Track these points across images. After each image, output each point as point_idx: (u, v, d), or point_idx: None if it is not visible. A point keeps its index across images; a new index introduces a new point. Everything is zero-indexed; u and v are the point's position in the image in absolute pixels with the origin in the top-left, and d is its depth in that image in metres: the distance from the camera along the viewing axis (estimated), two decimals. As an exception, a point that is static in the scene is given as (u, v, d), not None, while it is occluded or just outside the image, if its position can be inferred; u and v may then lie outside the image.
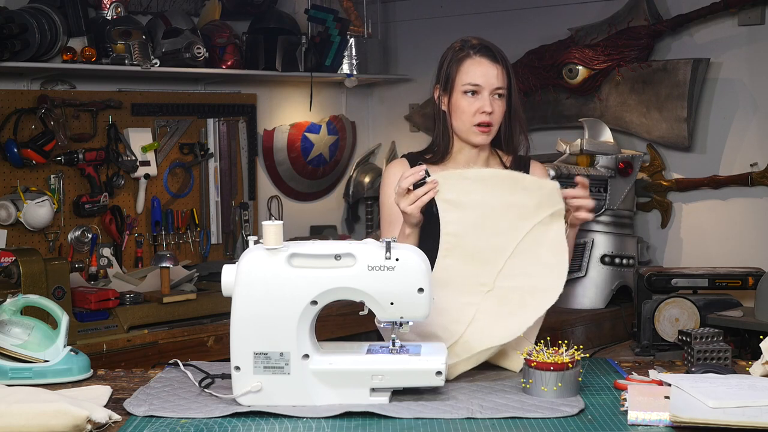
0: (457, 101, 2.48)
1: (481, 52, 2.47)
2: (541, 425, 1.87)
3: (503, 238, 2.24)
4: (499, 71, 2.46)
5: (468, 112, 2.46)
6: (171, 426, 1.88)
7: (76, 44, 3.88)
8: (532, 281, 2.23)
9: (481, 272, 2.24)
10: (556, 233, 2.24)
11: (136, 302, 3.65)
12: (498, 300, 2.23)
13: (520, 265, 2.24)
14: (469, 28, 4.82)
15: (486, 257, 2.24)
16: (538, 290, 2.23)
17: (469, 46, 2.49)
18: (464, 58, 2.48)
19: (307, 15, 4.66)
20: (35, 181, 3.94)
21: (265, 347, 1.99)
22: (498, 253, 2.24)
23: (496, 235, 2.23)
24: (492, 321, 2.22)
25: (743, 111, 4.04)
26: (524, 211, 2.23)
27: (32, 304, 2.33)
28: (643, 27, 4.17)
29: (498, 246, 2.24)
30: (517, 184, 2.25)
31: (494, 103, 2.46)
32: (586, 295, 3.99)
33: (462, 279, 2.24)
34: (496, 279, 2.24)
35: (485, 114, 2.45)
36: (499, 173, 2.28)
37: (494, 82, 2.45)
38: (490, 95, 2.45)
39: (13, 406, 1.85)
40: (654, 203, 4.30)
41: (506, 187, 2.24)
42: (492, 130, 2.48)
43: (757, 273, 3.39)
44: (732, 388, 1.94)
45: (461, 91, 2.47)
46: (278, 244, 2.00)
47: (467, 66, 2.47)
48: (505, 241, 2.24)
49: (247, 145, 4.71)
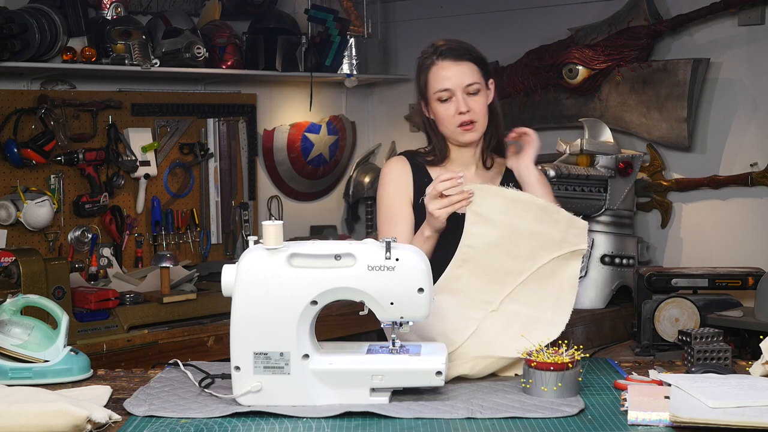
0: (435, 110, 2.49)
1: (443, 55, 2.46)
2: (541, 425, 1.87)
3: (519, 263, 2.23)
4: (464, 68, 2.45)
5: (447, 117, 2.48)
6: (171, 426, 1.88)
7: (76, 44, 3.88)
8: (536, 312, 2.23)
9: (488, 291, 2.24)
10: (573, 271, 2.24)
11: (136, 302, 3.65)
12: (503, 321, 2.23)
13: (528, 293, 2.24)
14: (469, 28, 4.83)
15: (497, 278, 2.24)
16: (541, 322, 2.23)
17: (433, 51, 2.48)
18: (430, 66, 2.48)
19: (307, 15, 4.66)
20: (35, 181, 3.94)
21: (265, 347, 1.99)
22: (510, 277, 2.24)
23: (514, 259, 2.23)
24: (494, 336, 2.22)
25: (743, 111, 4.04)
26: (547, 243, 2.23)
27: (32, 304, 2.33)
28: (643, 27, 4.17)
29: (512, 270, 2.23)
30: (549, 215, 2.24)
31: (469, 100, 2.46)
32: (586, 295, 3.99)
33: (469, 292, 2.24)
34: (502, 301, 2.24)
35: (463, 114, 2.45)
36: (536, 201, 2.26)
37: (463, 80, 2.45)
38: (463, 93, 2.45)
39: (13, 406, 1.85)
40: (654, 203, 4.30)
41: (538, 215, 2.23)
42: (476, 125, 2.48)
43: (757, 273, 3.39)
44: (732, 388, 1.94)
45: (435, 100, 2.48)
46: (278, 244, 2.00)
47: (434, 73, 2.47)
48: (520, 267, 2.23)
49: (247, 145, 4.71)
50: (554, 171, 3.81)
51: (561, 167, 3.85)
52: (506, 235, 2.23)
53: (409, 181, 2.54)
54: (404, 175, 2.55)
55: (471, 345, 2.21)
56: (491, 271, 2.24)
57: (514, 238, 2.23)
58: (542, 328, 2.22)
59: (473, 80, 2.45)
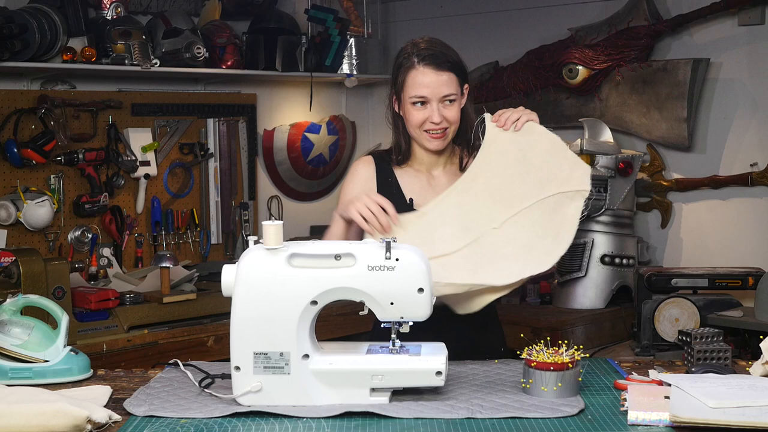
0: (407, 111, 2.48)
1: (426, 60, 2.43)
2: (541, 425, 1.87)
3: (527, 188, 2.31)
4: (443, 78, 2.42)
5: (416, 122, 2.46)
6: (171, 426, 1.88)
7: (76, 44, 3.89)
8: (535, 239, 2.28)
9: (494, 209, 2.30)
10: (575, 211, 2.30)
11: (136, 302, 3.65)
12: (503, 240, 2.28)
13: (531, 219, 2.29)
14: (469, 28, 4.83)
15: (505, 197, 2.30)
16: (538, 249, 2.28)
17: (416, 52, 2.45)
18: (409, 69, 2.45)
19: (307, 15, 4.66)
20: (35, 181, 3.94)
21: (265, 347, 1.99)
22: (517, 200, 2.30)
23: (522, 184, 2.31)
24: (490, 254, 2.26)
25: (743, 111, 4.04)
26: (555, 176, 2.31)
27: (32, 304, 2.33)
28: (643, 27, 4.17)
29: (520, 194, 2.31)
30: (558, 150, 2.33)
31: (444, 110, 2.44)
32: (586, 295, 3.99)
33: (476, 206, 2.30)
34: (505, 221, 2.29)
35: (433, 124, 2.44)
36: (549, 134, 2.35)
37: (442, 90, 2.43)
38: (439, 103, 2.43)
39: (13, 406, 1.85)
40: (654, 203, 4.30)
41: (549, 147, 2.33)
42: (446, 134, 2.47)
43: (757, 273, 3.39)
44: (732, 388, 1.94)
45: (410, 102, 2.46)
46: (278, 244, 2.00)
47: (413, 77, 2.44)
48: (528, 192, 2.30)
49: (247, 145, 4.72)
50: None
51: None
52: (518, 159, 2.32)
53: (373, 183, 2.55)
54: (368, 174, 2.56)
55: (467, 254, 2.26)
56: (500, 190, 2.31)
57: (525, 164, 2.32)
58: (537, 255, 2.28)
59: (451, 91, 2.44)
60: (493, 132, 2.35)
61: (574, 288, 4.00)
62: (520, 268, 2.25)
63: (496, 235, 2.29)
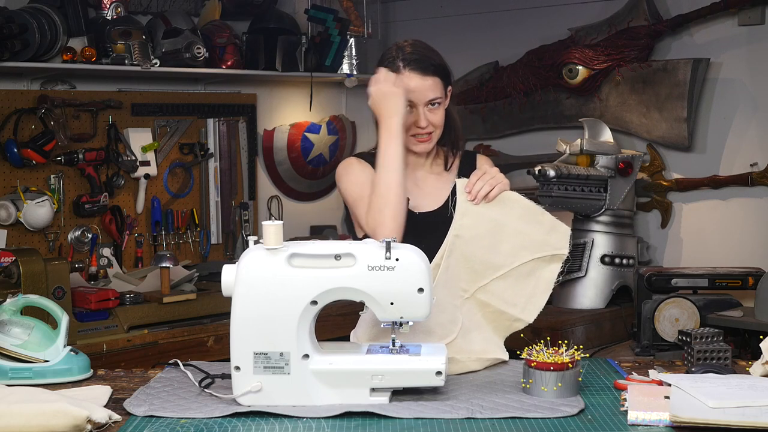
0: None
1: (411, 65, 2.41)
2: (541, 425, 1.87)
3: (501, 258, 2.31)
4: (429, 83, 2.41)
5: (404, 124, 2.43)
6: (171, 426, 1.88)
7: (76, 44, 3.88)
8: (505, 307, 2.32)
9: (466, 279, 2.31)
10: (551, 274, 2.33)
11: (136, 302, 3.65)
12: (473, 308, 2.31)
13: (502, 287, 2.31)
14: (469, 28, 4.83)
15: (477, 269, 2.31)
16: (506, 317, 2.33)
17: (402, 57, 2.42)
18: (394, 72, 2.41)
19: (307, 15, 4.66)
20: (35, 181, 3.94)
21: (265, 347, 1.99)
22: (490, 270, 2.31)
23: (496, 254, 2.30)
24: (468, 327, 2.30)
25: (743, 111, 4.04)
26: (530, 243, 2.30)
27: (32, 304, 2.33)
28: (643, 27, 4.17)
29: (493, 263, 2.31)
30: (534, 216, 2.31)
31: (430, 114, 2.43)
32: (586, 295, 3.99)
33: (451, 281, 2.30)
34: (476, 291, 2.31)
35: (420, 128, 2.43)
36: (522, 201, 2.33)
37: (427, 95, 2.42)
38: (425, 107, 2.42)
39: (13, 406, 1.85)
40: (654, 203, 4.30)
41: (523, 214, 2.31)
42: (432, 137, 2.46)
43: (757, 273, 3.39)
44: (732, 388, 1.94)
45: None
46: (278, 244, 2.00)
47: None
48: (501, 262, 2.31)
49: (247, 145, 4.72)
50: (554, 171, 3.81)
51: (561, 167, 3.85)
52: (492, 229, 2.30)
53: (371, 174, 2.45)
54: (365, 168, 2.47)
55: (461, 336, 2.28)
56: (474, 261, 2.30)
57: (498, 233, 2.30)
58: (505, 322, 2.33)
59: (436, 95, 2.43)
60: (465, 205, 2.31)
61: (574, 288, 4.00)
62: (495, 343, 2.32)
63: (467, 305, 2.31)
